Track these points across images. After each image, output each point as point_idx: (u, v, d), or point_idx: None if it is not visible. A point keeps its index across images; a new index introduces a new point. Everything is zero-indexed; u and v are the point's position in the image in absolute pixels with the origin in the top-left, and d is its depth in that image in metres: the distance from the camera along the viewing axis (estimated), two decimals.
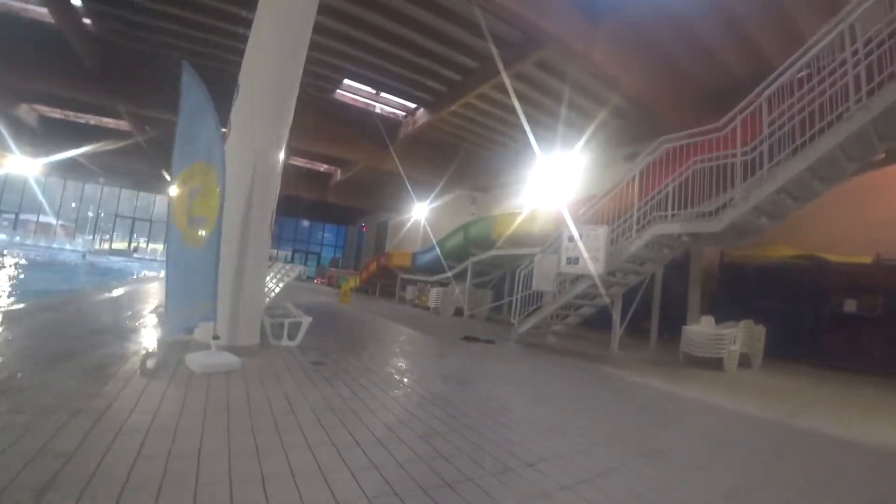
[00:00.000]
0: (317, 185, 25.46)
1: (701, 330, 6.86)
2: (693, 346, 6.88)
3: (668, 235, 5.98)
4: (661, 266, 7.15)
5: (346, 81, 13.59)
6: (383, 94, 14.35)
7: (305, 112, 15.26)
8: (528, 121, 12.36)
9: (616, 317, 7.65)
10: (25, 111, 18.11)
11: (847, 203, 8.27)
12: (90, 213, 29.73)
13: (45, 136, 19.10)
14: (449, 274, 13.01)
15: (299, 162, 23.49)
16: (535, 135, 13.05)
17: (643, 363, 7.03)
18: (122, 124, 17.85)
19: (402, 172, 16.38)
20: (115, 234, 31.54)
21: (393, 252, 19.49)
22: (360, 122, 15.70)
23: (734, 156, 5.23)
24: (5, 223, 28.87)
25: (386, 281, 18.71)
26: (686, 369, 6.60)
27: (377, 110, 15.41)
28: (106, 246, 30.21)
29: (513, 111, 12.71)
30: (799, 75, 4.84)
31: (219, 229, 3.72)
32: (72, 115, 18.48)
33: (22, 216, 29.05)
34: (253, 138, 4.47)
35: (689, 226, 5.66)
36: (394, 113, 15.48)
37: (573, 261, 6.34)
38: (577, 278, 6.56)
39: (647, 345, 9.06)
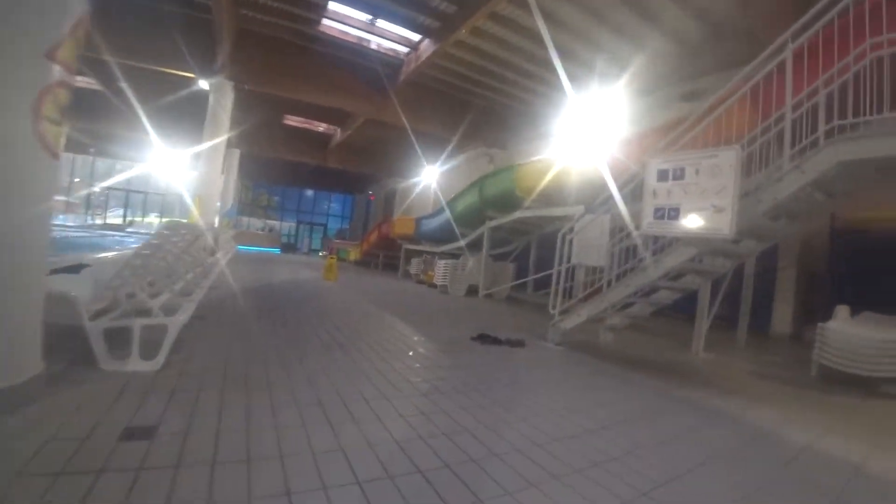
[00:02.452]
0: (316, 148, 22.86)
1: (858, 333, 4.25)
2: (838, 355, 4.30)
3: (852, 164, 3.19)
4: (802, 225, 4.44)
5: (332, 6, 10.87)
6: (380, 24, 11.61)
7: (286, 52, 12.81)
8: (557, 51, 9.58)
9: (704, 304, 5.09)
10: None
11: None
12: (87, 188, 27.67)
13: None
14: (461, 243, 10.48)
15: (294, 122, 20.93)
16: (566, 71, 10.30)
17: (754, 378, 4.51)
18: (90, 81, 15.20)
19: (406, 125, 13.77)
20: (110, 208, 29.55)
21: (395, 219, 17.01)
22: (355, 63, 13.03)
23: None
24: None
25: (390, 252, 16.50)
26: (838, 395, 4.05)
27: (373, 46, 12.66)
28: (99, 220, 28.38)
29: (536, 39, 9.91)
30: None
31: None
32: None
33: None
34: None
35: None
36: (394, 50, 12.73)
37: (669, 214, 3.69)
38: (670, 244, 3.93)
39: (731, 340, 6.54)
